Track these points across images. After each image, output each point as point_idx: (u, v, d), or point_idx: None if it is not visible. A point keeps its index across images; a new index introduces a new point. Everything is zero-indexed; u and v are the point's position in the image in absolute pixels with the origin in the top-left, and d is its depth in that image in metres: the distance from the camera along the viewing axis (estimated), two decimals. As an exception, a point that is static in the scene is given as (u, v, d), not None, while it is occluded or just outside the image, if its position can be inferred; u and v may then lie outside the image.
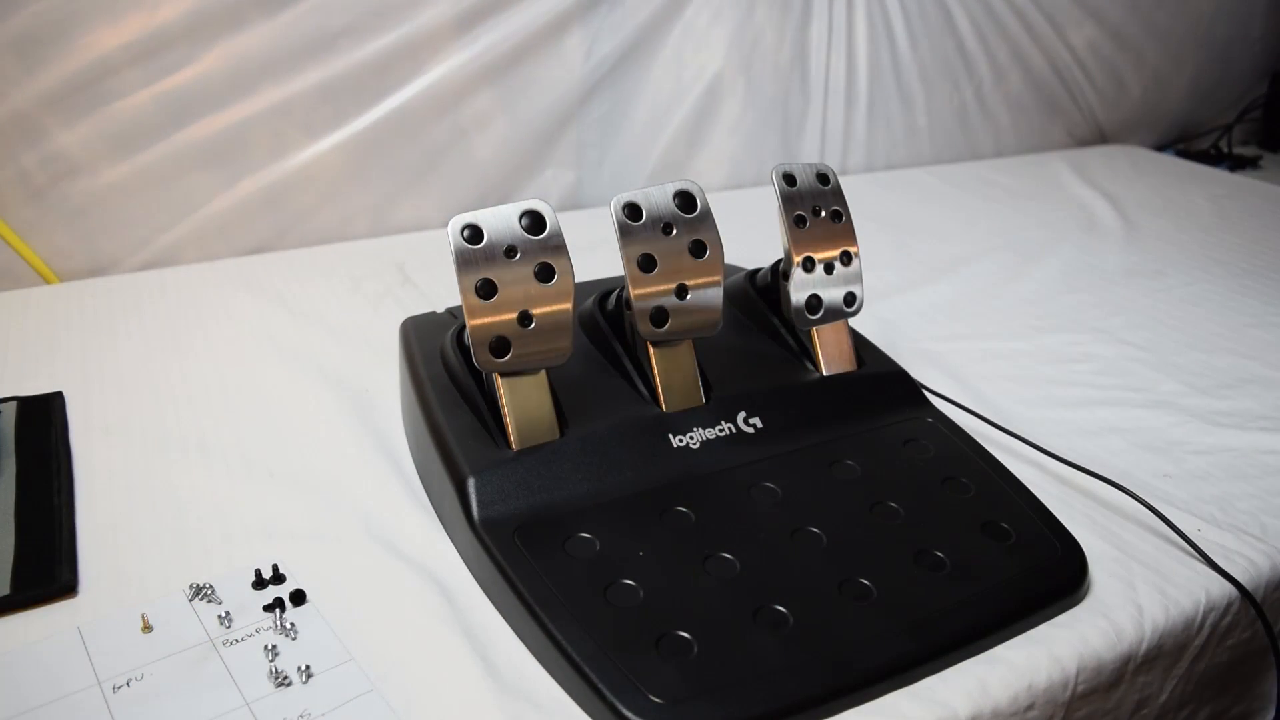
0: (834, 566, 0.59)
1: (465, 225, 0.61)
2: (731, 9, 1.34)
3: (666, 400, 0.68)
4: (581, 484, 0.63)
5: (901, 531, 0.62)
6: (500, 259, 0.61)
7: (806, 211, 0.73)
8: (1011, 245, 1.21)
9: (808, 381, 0.73)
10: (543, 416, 0.64)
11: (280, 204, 1.17)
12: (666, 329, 0.67)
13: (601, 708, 0.51)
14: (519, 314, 0.62)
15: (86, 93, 1.03)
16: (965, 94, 1.56)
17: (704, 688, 0.51)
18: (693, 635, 0.54)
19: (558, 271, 0.62)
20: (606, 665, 0.52)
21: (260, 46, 1.09)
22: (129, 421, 0.79)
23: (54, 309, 0.98)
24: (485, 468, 0.62)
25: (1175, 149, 1.79)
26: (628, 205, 0.66)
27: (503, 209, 0.62)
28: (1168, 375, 0.90)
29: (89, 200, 1.08)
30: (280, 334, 0.94)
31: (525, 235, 0.62)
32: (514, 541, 0.59)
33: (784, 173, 0.73)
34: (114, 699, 0.52)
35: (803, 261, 0.72)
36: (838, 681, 0.53)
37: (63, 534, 0.64)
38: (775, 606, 0.56)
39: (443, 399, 0.68)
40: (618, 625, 0.54)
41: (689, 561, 0.59)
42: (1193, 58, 1.73)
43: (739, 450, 0.67)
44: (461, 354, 0.69)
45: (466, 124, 1.23)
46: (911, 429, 0.73)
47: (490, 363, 0.62)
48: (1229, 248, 1.22)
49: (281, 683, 0.53)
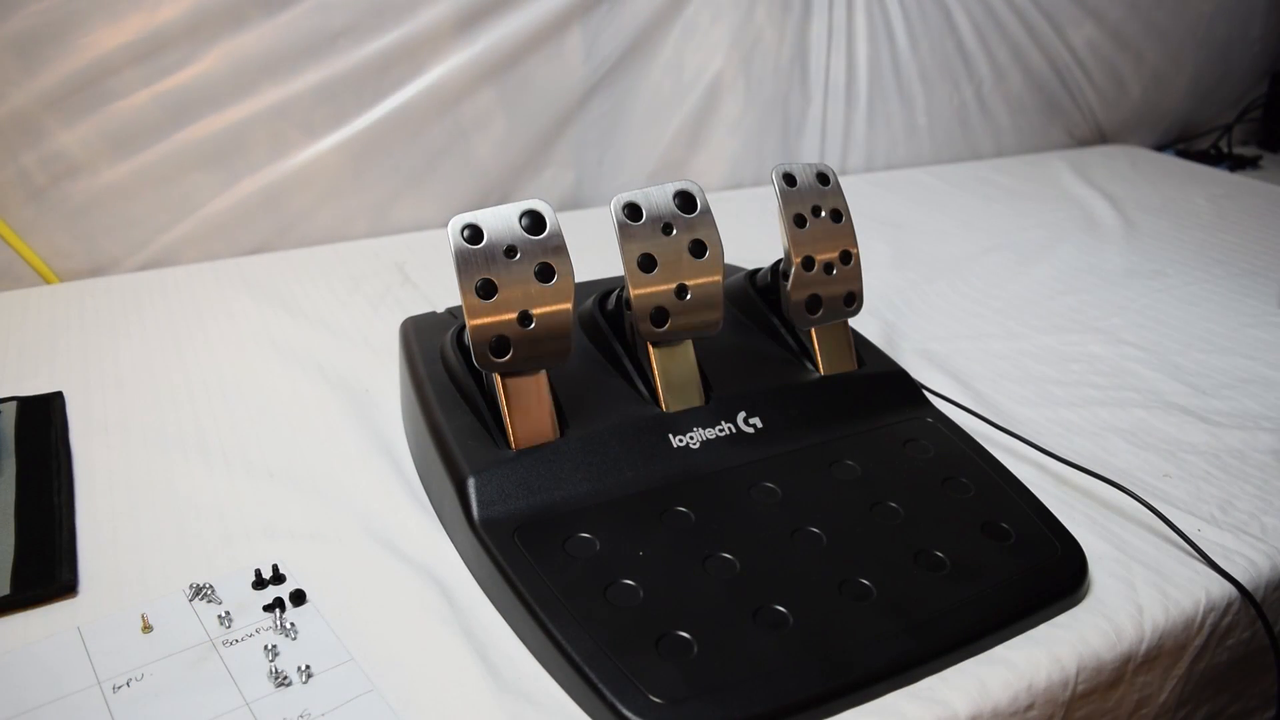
0: (834, 566, 0.59)
1: (465, 225, 0.61)
2: (731, 9, 1.34)
3: (666, 400, 0.68)
4: (581, 484, 0.63)
5: (901, 531, 0.62)
6: (500, 259, 0.61)
7: (806, 211, 0.72)
8: (1011, 245, 1.21)
9: (808, 381, 0.73)
10: (543, 416, 0.64)
11: (280, 204, 1.17)
12: (666, 329, 0.67)
13: (601, 708, 0.51)
14: (519, 314, 0.62)
15: (86, 93, 1.03)
16: (965, 94, 1.56)
17: (704, 688, 0.51)
18: (693, 635, 0.54)
19: (558, 272, 0.62)
20: (606, 665, 0.52)
21: (260, 46, 1.09)
22: (129, 421, 0.79)
23: (54, 309, 0.99)
24: (485, 468, 0.62)
25: (1175, 149, 1.79)
26: (628, 205, 0.66)
27: (503, 209, 0.62)
28: (1168, 375, 0.90)
29: (89, 200, 1.08)
30: (280, 334, 0.94)
31: (525, 235, 0.62)
32: (514, 541, 0.59)
33: (784, 173, 0.73)
34: (114, 699, 0.52)
35: (803, 261, 0.72)
36: (838, 681, 0.53)
37: (63, 534, 0.64)
38: (775, 606, 0.56)
39: (443, 399, 0.68)
40: (618, 625, 0.54)
41: (689, 561, 0.59)
42: (1192, 58, 1.73)
43: (739, 450, 0.67)
44: (461, 354, 0.69)
45: (466, 124, 1.23)
46: (911, 429, 0.73)
47: (490, 363, 0.62)
48: (1229, 248, 1.22)
49: (281, 683, 0.53)
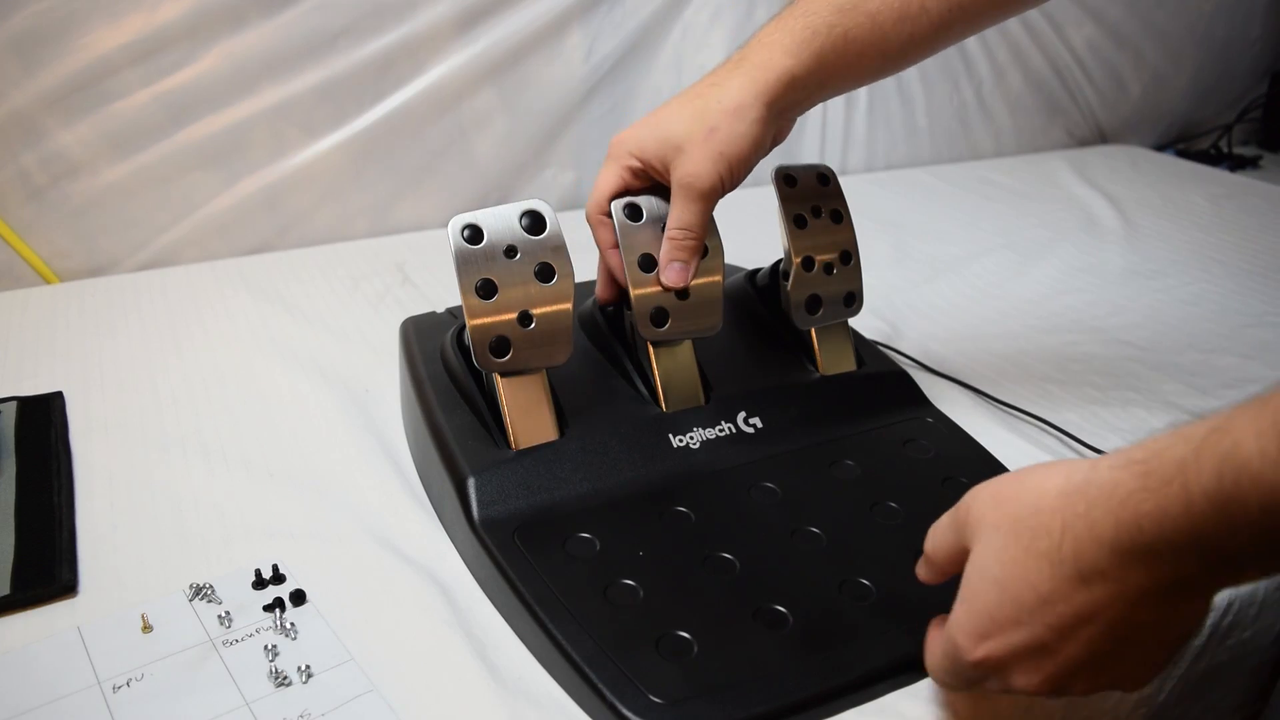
0: (834, 566, 0.59)
1: (465, 225, 0.61)
2: (731, 9, 1.34)
3: (667, 400, 0.68)
4: (581, 484, 0.63)
5: (901, 531, 0.62)
6: (500, 259, 0.61)
7: (806, 211, 0.73)
8: (1011, 245, 1.21)
9: (808, 381, 0.73)
10: (543, 416, 0.64)
11: (280, 204, 1.17)
12: (666, 329, 0.67)
13: (601, 707, 0.51)
14: (519, 314, 0.62)
15: (86, 93, 1.03)
16: (965, 94, 1.56)
17: (704, 687, 0.51)
18: (693, 635, 0.54)
19: (558, 272, 0.62)
20: (606, 665, 0.52)
21: (260, 46, 1.09)
22: (129, 421, 0.79)
23: (54, 309, 0.99)
24: (485, 468, 0.62)
25: (1175, 149, 1.79)
26: (628, 205, 0.66)
27: (503, 209, 0.62)
28: (1168, 375, 0.90)
29: (89, 200, 1.08)
30: (280, 334, 0.94)
31: (525, 235, 0.62)
32: (514, 541, 0.59)
33: (784, 174, 0.73)
34: (114, 699, 0.52)
35: (803, 261, 0.72)
36: (838, 681, 0.53)
37: (63, 534, 0.64)
38: (775, 606, 0.56)
39: (443, 399, 0.68)
40: (618, 625, 0.54)
41: (689, 561, 0.59)
42: (1192, 57, 1.73)
43: (739, 450, 0.67)
44: (461, 354, 0.69)
45: (466, 124, 1.23)
46: (911, 429, 0.73)
47: (490, 363, 0.62)
48: (1229, 248, 1.22)
49: (281, 683, 0.53)
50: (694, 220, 0.65)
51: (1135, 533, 0.39)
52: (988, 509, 0.45)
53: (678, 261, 0.66)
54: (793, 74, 0.63)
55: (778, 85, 0.62)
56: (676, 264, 0.66)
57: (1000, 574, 0.43)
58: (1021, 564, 0.43)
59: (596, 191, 0.67)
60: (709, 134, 0.62)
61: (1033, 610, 0.42)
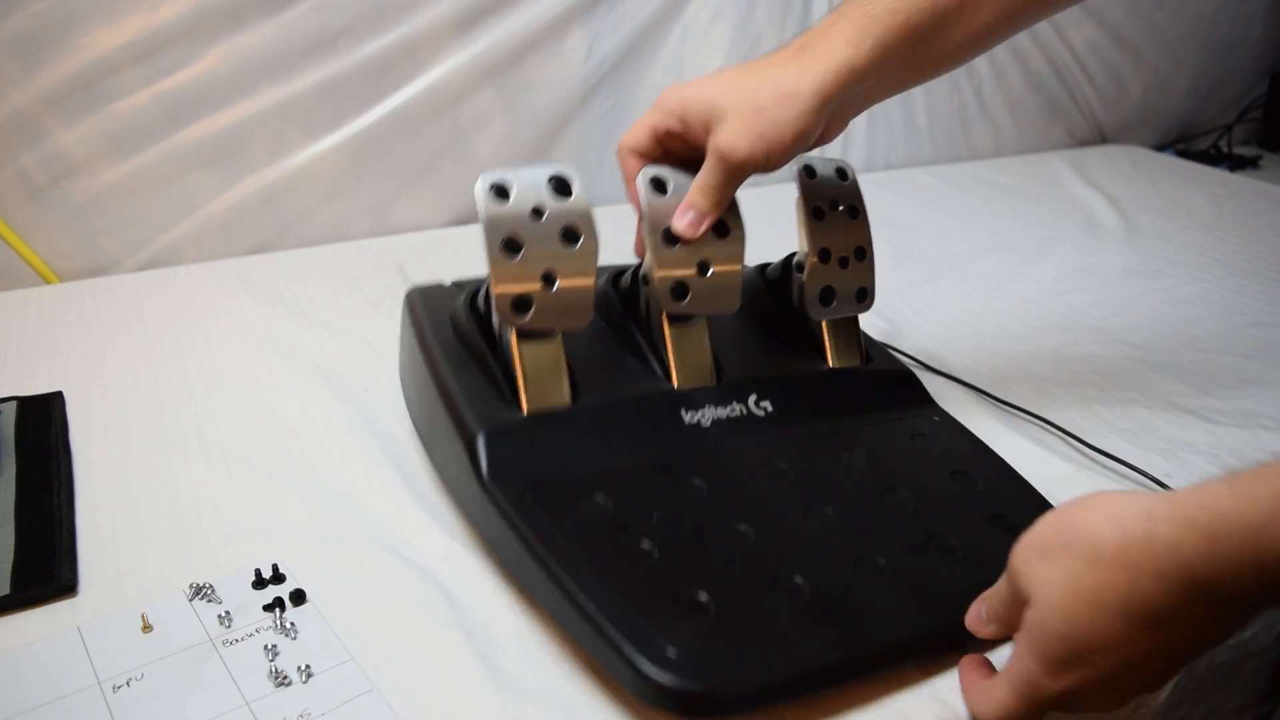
0: (848, 544, 0.59)
1: (494, 183, 0.61)
2: (731, 9, 1.34)
3: (679, 377, 0.68)
4: (593, 450, 0.62)
5: (912, 517, 0.63)
6: (526, 219, 0.61)
7: (825, 204, 0.73)
8: (1011, 245, 1.21)
9: (817, 372, 0.74)
10: (556, 381, 0.63)
11: (280, 204, 1.17)
12: (686, 303, 0.67)
13: (618, 660, 0.49)
14: (542, 273, 0.62)
15: (86, 93, 1.03)
16: (965, 94, 1.56)
17: (723, 645, 0.50)
18: (710, 596, 0.53)
19: (583, 235, 0.62)
20: (623, 617, 0.51)
21: (260, 46, 1.09)
22: (129, 421, 0.79)
23: (54, 309, 0.98)
24: (495, 426, 0.61)
25: (1175, 149, 1.78)
26: (654, 180, 0.66)
27: (531, 170, 0.63)
28: (1168, 375, 0.90)
29: (89, 200, 1.08)
30: (280, 334, 0.94)
31: (552, 198, 0.62)
32: (526, 497, 0.58)
33: (805, 164, 0.73)
34: (114, 699, 0.52)
35: (819, 253, 0.72)
36: (859, 651, 0.53)
37: (63, 533, 0.64)
38: (792, 577, 0.56)
39: (453, 362, 0.67)
40: (635, 581, 0.53)
41: (703, 530, 0.58)
42: (1193, 58, 1.73)
43: (749, 431, 0.67)
44: (475, 319, 0.68)
45: (466, 124, 1.23)
46: (918, 425, 0.73)
47: (510, 318, 0.61)
48: (1229, 248, 1.21)
49: (281, 682, 0.53)
50: (718, 182, 0.64)
51: (1206, 588, 0.41)
52: (1037, 565, 0.47)
53: (693, 210, 0.65)
54: (852, 65, 0.62)
55: (835, 77, 0.61)
56: (691, 213, 0.65)
57: (1065, 630, 0.45)
58: (1090, 619, 0.44)
59: (635, 128, 0.67)
60: (757, 112, 0.61)
61: (1105, 652, 0.44)
